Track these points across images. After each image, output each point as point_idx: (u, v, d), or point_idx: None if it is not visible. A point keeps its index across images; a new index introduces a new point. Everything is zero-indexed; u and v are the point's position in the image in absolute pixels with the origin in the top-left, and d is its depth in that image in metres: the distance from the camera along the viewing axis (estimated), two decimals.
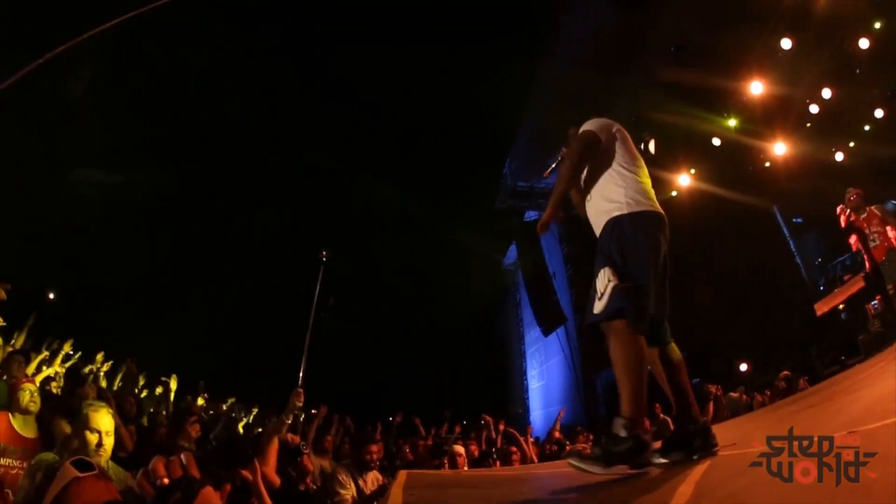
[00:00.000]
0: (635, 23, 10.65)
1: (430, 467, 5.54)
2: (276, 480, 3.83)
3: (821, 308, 10.81)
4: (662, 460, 2.40)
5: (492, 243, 20.91)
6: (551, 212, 2.80)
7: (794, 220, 14.10)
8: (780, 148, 12.20)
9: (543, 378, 19.30)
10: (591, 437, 8.47)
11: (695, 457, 2.35)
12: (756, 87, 11.13)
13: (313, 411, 6.67)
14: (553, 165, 3.24)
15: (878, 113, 11.26)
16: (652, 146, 11.93)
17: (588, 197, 2.88)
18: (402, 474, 3.18)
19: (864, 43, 10.31)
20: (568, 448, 6.74)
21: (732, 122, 12.21)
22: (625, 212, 2.64)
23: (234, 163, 16.56)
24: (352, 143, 17.24)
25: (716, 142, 12.38)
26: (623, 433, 2.22)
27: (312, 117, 16.33)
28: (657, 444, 2.53)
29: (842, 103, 11.45)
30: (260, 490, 3.21)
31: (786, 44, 10.52)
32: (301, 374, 4.75)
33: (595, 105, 12.28)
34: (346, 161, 17.11)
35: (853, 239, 6.77)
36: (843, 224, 7.04)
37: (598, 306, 2.43)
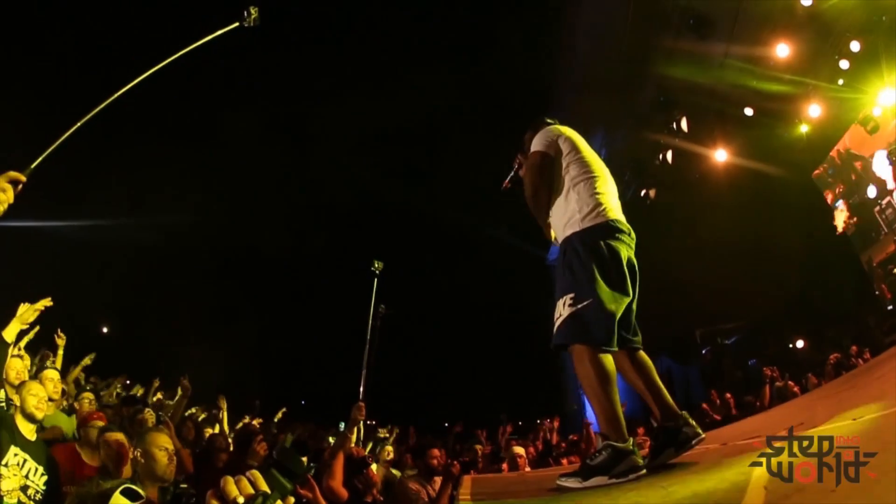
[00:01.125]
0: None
1: (491, 472, 5.56)
2: (344, 494, 3.89)
3: (877, 255, 10.37)
4: (558, 482, 2.42)
5: (534, 240, 20.92)
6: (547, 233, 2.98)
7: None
8: (814, 110, 11.73)
9: None
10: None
11: (689, 445, 2.43)
12: (782, 50, 10.74)
13: (371, 422, 6.76)
14: (511, 175, 3.30)
15: None
16: (684, 124, 11.70)
17: (549, 219, 2.92)
18: (467, 479, 3.22)
19: None
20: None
21: (762, 90, 11.77)
22: (576, 230, 2.66)
23: (276, 181, 16.82)
24: (385, 149, 17.22)
25: (748, 111, 11.99)
26: (600, 446, 2.34)
27: (356, 130, 16.47)
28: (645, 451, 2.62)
29: (872, 56, 10.83)
30: None
31: (806, 1, 10.10)
32: (361, 388, 4.83)
33: (620, 90, 12.16)
34: (388, 169, 17.20)
35: None
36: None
37: (556, 332, 2.54)
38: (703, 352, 13.52)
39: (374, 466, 5.17)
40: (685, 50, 11.00)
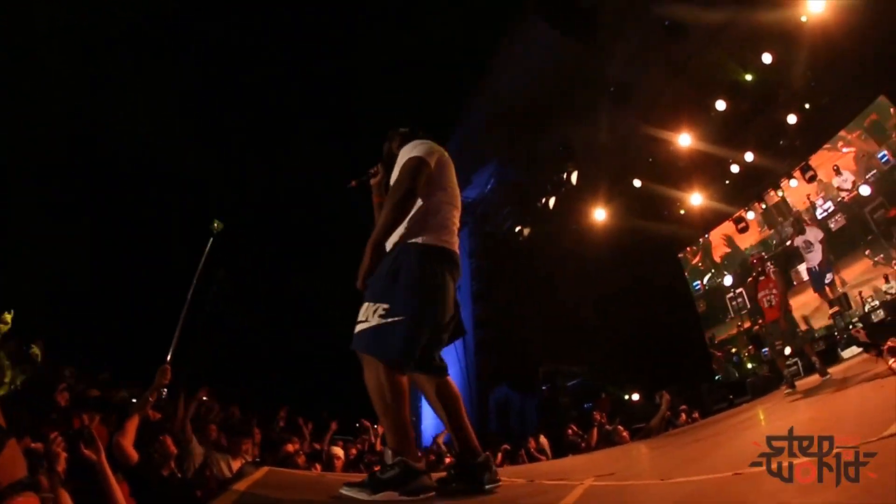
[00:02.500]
0: (580, 56, 10.78)
1: (305, 467, 5.27)
2: (133, 455, 3.56)
3: (720, 335, 11.96)
4: (344, 491, 2.28)
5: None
6: (369, 263, 2.48)
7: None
8: (696, 198, 13.11)
9: None
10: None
11: (486, 487, 2.34)
12: (684, 140, 11.72)
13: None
14: (363, 178, 3.06)
15: (793, 182, 12.17)
16: (574, 177, 12.33)
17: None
18: (263, 471, 2.98)
19: (791, 118, 11.30)
20: (447, 461, 6.67)
21: (655, 168, 12.89)
22: (418, 242, 2.49)
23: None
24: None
25: (637, 183, 12.87)
26: (390, 461, 2.23)
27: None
28: (441, 475, 2.56)
29: (762, 167, 12.29)
30: (104, 470, 2.95)
31: (720, 105, 11.15)
32: (171, 351, 4.33)
33: (525, 129, 12.60)
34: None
35: (759, 295, 7.12)
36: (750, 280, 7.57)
37: (357, 335, 2.38)
38: (544, 388, 14.18)
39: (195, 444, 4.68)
40: (598, 111, 11.65)
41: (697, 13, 9.79)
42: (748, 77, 10.88)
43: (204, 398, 5.99)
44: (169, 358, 4.24)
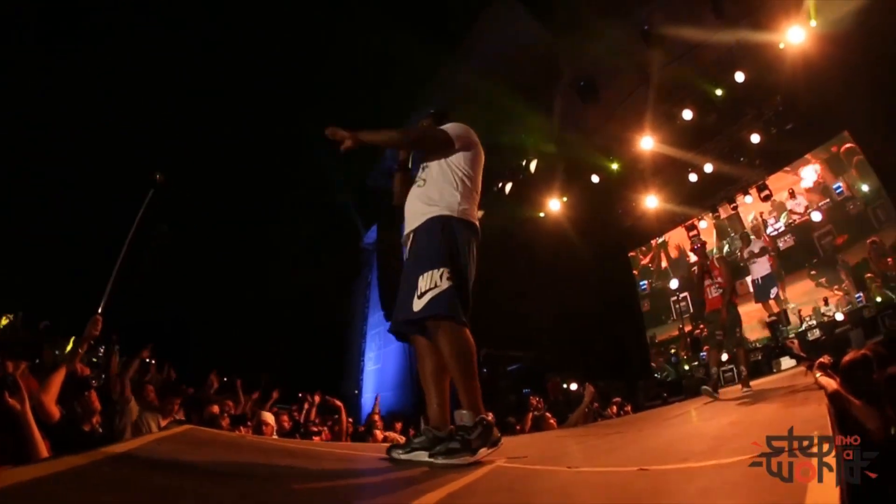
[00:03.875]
0: (554, 49, 10.85)
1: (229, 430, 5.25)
2: (55, 413, 3.38)
3: (661, 335, 12.69)
4: (403, 456, 2.49)
5: (363, 220, 20.36)
6: (354, 137, 2.73)
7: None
8: (651, 201, 13.48)
9: (380, 362, 19.31)
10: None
11: (437, 461, 2.35)
12: (647, 142, 11.98)
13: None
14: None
15: (748, 199, 12.64)
16: (533, 165, 12.47)
17: (419, 183, 2.84)
18: (182, 428, 2.94)
19: (755, 138, 11.70)
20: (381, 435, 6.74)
21: (615, 166, 13.17)
22: (456, 215, 2.68)
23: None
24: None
25: (595, 178, 13.14)
26: (471, 421, 2.34)
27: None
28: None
29: (719, 180, 12.71)
30: (28, 422, 2.80)
31: (687, 114, 11.46)
32: (103, 301, 4.20)
33: (489, 114, 12.60)
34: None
35: (705, 285, 7.07)
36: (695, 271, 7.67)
37: (431, 301, 2.45)
38: (484, 370, 14.44)
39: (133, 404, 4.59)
40: (565, 104, 11.82)
41: (678, 26, 9.99)
42: (718, 92, 11.19)
43: (146, 357, 5.89)
44: (100, 309, 4.11)
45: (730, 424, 3.14)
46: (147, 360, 6.05)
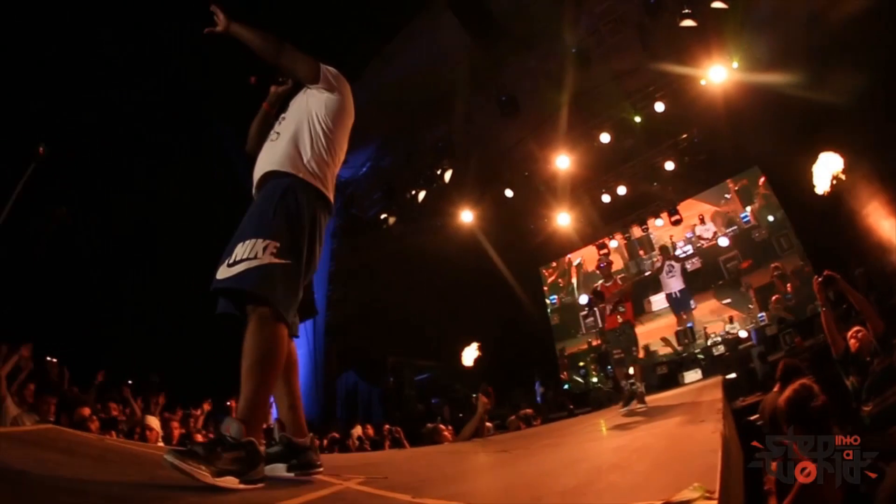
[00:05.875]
0: (479, 61, 10.82)
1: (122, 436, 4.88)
2: None
3: (569, 349, 13.21)
4: (170, 459, 1.72)
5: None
6: (227, 23, 2.43)
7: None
8: (563, 218, 13.83)
9: None
10: None
11: (291, 474, 2.06)
12: (563, 161, 12.24)
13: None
14: (266, 77, 2.69)
15: (659, 222, 13.21)
16: (448, 175, 12.46)
17: (272, 136, 2.44)
18: (43, 426, 2.61)
19: (669, 165, 12.20)
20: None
21: (530, 182, 13.42)
22: (307, 179, 2.26)
23: None
24: None
25: (508, 193, 13.28)
26: (238, 435, 1.83)
27: None
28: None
29: (631, 203, 13.26)
30: None
31: (605, 138, 11.78)
32: None
33: (409, 120, 12.47)
34: None
35: (600, 305, 7.24)
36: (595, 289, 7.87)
37: (240, 274, 1.98)
38: (391, 378, 14.26)
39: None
40: (484, 117, 11.82)
41: (608, 53, 10.27)
42: (637, 119, 11.56)
43: (25, 355, 5.28)
44: None
45: (614, 450, 3.08)
46: (24, 357, 5.39)
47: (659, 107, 11.14)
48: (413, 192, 13.14)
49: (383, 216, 13.81)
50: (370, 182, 14.68)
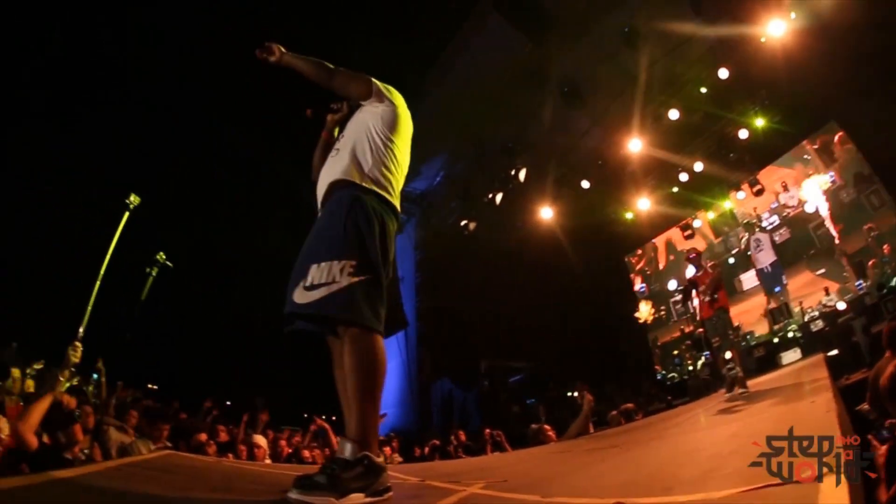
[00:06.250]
0: (536, 55, 10.69)
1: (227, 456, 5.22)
2: (32, 442, 3.33)
3: (662, 337, 12.67)
4: (296, 497, 1.78)
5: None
6: (280, 54, 2.50)
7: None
8: (644, 203, 13.37)
9: None
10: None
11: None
12: (635, 145, 11.83)
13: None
14: (323, 110, 2.75)
15: (741, 195, 12.56)
16: (522, 174, 12.38)
17: (333, 153, 2.45)
18: (160, 453, 2.95)
19: (743, 133, 11.59)
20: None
21: (605, 171, 12.99)
22: (371, 187, 2.26)
23: None
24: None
25: (585, 184, 12.98)
26: (352, 456, 1.89)
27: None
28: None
29: (711, 178, 12.66)
30: None
31: (674, 114, 11.33)
32: (82, 327, 4.12)
33: (476, 124, 12.52)
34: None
35: (693, 294, 7.10)
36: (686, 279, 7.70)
37: (306, 297, 2.01)
38: (486, 383, 14.32)
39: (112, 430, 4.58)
40: (550, 111, 11.62)
41: (659, 25, 9.90)
42: (703, 90, 11.08)
43: (123, 395, 5.82)
44: (80, 335, 4.04)
45: (729, 438, 3.00)
46: (124, 397, 5.95)
47: (722, 73, 10.59)
48: (490, 196, 13.15)
49: (463, 222, 13.88)
50: (446, 190, 14.90)
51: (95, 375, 4.77)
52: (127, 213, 4.63)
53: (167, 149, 14.01)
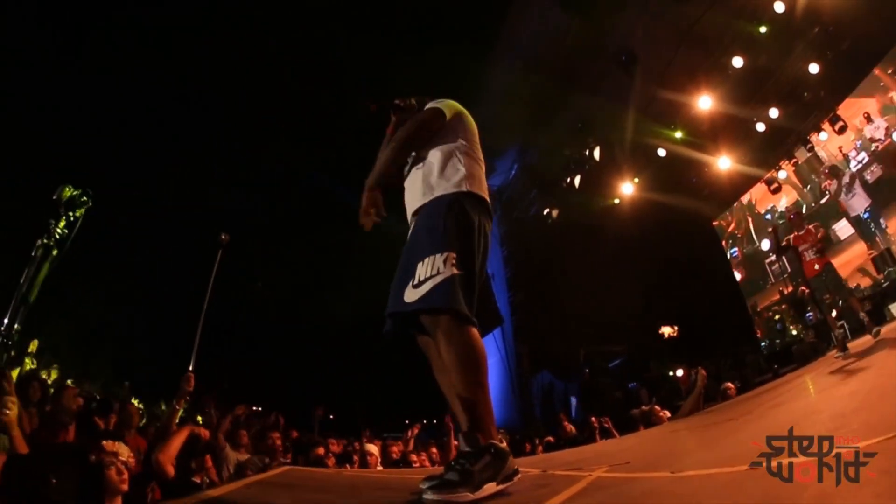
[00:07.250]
0: (587, 29, 10.51)
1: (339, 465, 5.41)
2: (171, 471, 3.60)
3: (762, 302, 12.00)
4: (433, 497, 1.74)
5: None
6: (369, 198, 2.33)
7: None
8: (724, 162, 12.54)
9: None
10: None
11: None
12: (705, 102, 11.27)
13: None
14: (386, 103, 2.72)
15: (823, 136, 11.62)
16: (597, 153, 12.05)
17: (419, 165, 2.47)
18: (280, 469, 2.98)
19: (814, 68, 10.72)
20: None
21: (679, 134, 12.41)
22: (464, 190, 2.31)
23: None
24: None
25: (661, 152, 12.48)
26: (474, 447, 1.87)
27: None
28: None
29: (788, 123, 11.79)
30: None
31: (737, 62, 10.72)
32: (193, 358, 4.47)
33: (541, 109, 12.32)
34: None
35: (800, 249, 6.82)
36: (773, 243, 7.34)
37: (429, 292, 2.02)
38: (585, 370, 14.01)
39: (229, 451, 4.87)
40: (612, 83, 11.30)
41: None
42: (762, 29, 10.41)
43: (240, 413, 6.14)
44: (191, 366, 4.37)
45: (848, 396, 2.80)
46: (240, 416, 6.31)
47: (779, 7, 9.90)
48: (568, 180, 12.95)
49: (545, 211, 13.78)
50: (523, 182, 14.91)
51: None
52: (220, 251, 4.99)
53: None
